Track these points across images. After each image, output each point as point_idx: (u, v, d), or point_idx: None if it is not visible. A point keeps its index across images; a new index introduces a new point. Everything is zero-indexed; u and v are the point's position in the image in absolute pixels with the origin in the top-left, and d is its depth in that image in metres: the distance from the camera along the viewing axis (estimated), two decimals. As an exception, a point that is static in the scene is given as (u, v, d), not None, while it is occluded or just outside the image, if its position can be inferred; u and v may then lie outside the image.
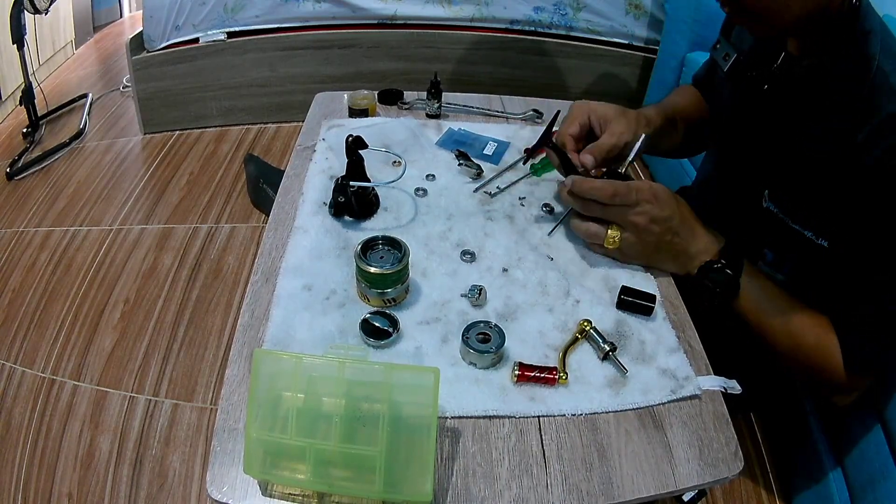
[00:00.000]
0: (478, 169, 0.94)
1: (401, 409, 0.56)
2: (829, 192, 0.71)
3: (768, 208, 0.78)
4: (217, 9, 2.21)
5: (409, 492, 0.54)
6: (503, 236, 0.85)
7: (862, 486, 0.98)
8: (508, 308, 0.74)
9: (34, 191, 2.08)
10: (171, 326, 1.57)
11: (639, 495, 0.58)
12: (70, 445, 1.28)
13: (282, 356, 0.58)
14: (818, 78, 0.72)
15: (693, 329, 0.74)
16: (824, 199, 0.71)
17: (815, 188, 0.72)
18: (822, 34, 0.70)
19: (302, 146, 1.03)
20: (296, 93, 2.39)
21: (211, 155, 2.27)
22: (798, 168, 0.75)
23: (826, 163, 0.71)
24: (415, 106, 1.16)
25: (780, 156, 0.77)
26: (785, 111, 0.77)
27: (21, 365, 1.46)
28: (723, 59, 0.87)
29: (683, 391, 0.66)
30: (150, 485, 1.21)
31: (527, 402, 0.64)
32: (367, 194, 0.87)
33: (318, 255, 0.80)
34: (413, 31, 2.30)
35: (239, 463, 0.57)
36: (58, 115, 2.52)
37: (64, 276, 1.72)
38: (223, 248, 1.83)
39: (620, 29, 2.26)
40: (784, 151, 0.76)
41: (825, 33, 0.70)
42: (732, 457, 0.61)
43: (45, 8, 2.24)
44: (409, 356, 0.68)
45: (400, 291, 0.73)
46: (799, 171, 0.74)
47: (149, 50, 2.22)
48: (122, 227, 1.91)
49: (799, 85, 0.74)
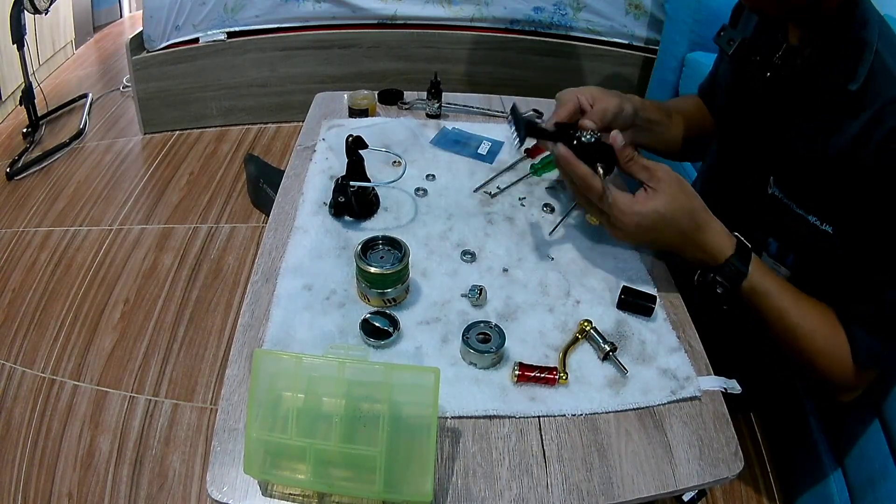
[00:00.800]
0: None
1: (401, 409, 0.56)
2: (833, 178, 0.71)
3: (773, 194, 0.78)
4: (217, 9, 2.21)
5: (409, 492, 0.54)
6: (503, 236, 0.85)
7: (862, 486, 0.98)
8: (509, 308, 0.74)
9: (34, 191, 2.08)
10: (171, 326, 1.57)
11: (639, 495, 0.58)
12: (70, 445, 1.28)
13: (282, 356, 0.58)
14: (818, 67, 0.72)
15: (693, 329, 0.74)
16: (828, 184, 0.72)
17: (818, 173, 0.73)
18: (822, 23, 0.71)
19: (302, 146, 1.03)
20: (296, 93, 2.39)
21: (211, 155, 2.27)
22: (801, 154, 0.75)
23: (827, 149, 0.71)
24: (415, 106, 1.16)
25: (785, 142, 0.77)
26: (786, 100, 0.78)
27: (21, 365, 1.46)
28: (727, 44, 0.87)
29: (684, 392, 0.66)
30: (150, 485, 1.21)
31: (527, 403, 0.64)
32: (367, 194, 0.87)
33: (318, 255, 0.80)
34: (413, 31, 2.30)
35: (239, 463, 0.57)
36: (58, 115, 2.52)
37: (64, 276, 1.72)
38: (223, 248, 1.83)
39: (620, 29, 2.26)
40: (788, 138, 0.77)
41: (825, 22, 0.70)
42: (732, 457, 0.61)
43: (45, 8, 2.24)
44: (409, 356, 0.68)
45: (400, 291, 0.73)
46: (802, 157, 0.75)
47: (149, 50, 2.22)
48: (122, 227, 1.91)
49: (799, 75, 0.75)
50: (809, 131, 0.74)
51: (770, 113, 0.80)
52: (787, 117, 0.77)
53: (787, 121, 0.77)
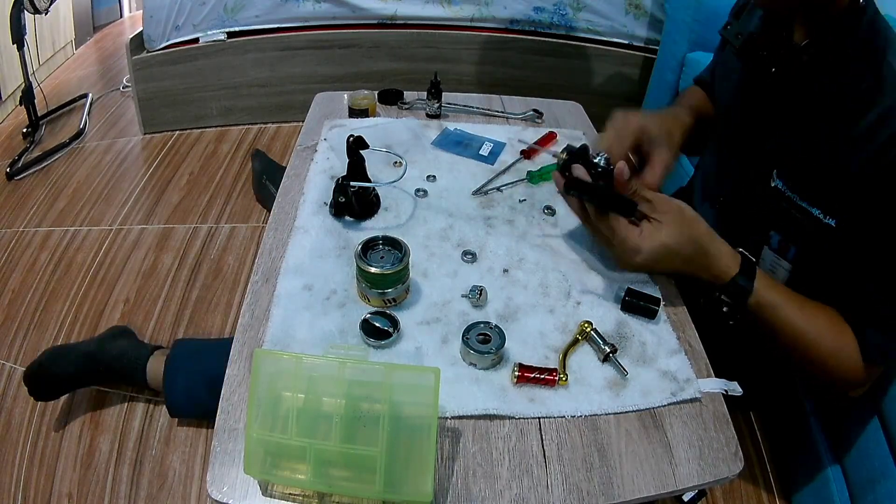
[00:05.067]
0: None
1: (401, 409, 0.56)
2: (837, 174, 0.71)
3: (776, 187, 0.79)
4: (217, 9, 2.21)
5: (409, 492, 0.54)
6: (504, 237, 0.85)
7: (862, 485, 0.98)
8: (509, 309, 0.74)
9: (34, 191, 2.08)
10: (171, 326, 1.56)
11: (639, 495, 0.58)
12: (70, 445, 1.28)
13: (282, 356, 0.58)
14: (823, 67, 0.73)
15: (693, 328, 0.74)
16: (832, 179, 0.72)
17: (822, 168, 0.73)
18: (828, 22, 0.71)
19: (302, 146, 1.03)
20: (296, 93, 2.39)
21: (211, 155, 2.27)
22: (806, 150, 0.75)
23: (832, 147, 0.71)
24: (415, 106, 1.16)
25: (789, 136, 0.77)
26: (791, 96, 0.78)
27: (21, 365, 1.45)
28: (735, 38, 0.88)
29: (684, 394, 0.66)
30: (150, 485, 1.21)
31: (527, 404, 0.64)
32: (367, 194, 0.87)
33: (318, 255, 0.80)
34: (413, 31, 2.30)
35: (239, 463, 0.57)
36: (58, 115, 2.52)
37: (64, 276, 1.72)
38: (223, 248, 1.83)
39: (620, 29, 2.26)
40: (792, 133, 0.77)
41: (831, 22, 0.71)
42: (732, 457, 0.61)
43: (45, 8, 2.24)
44: (409, 356, 0.68)
45: (400, 291, 0.73)
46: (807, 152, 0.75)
47: (149, 50, 2.22)
48: (122, 227, 1.91)
49: (805, 72, 0.75)
50: (814, 128, 0.74)
51: (775, 107, 0.81)
52: (793, 112, 0.78)
53: (793, 116, 0.78)
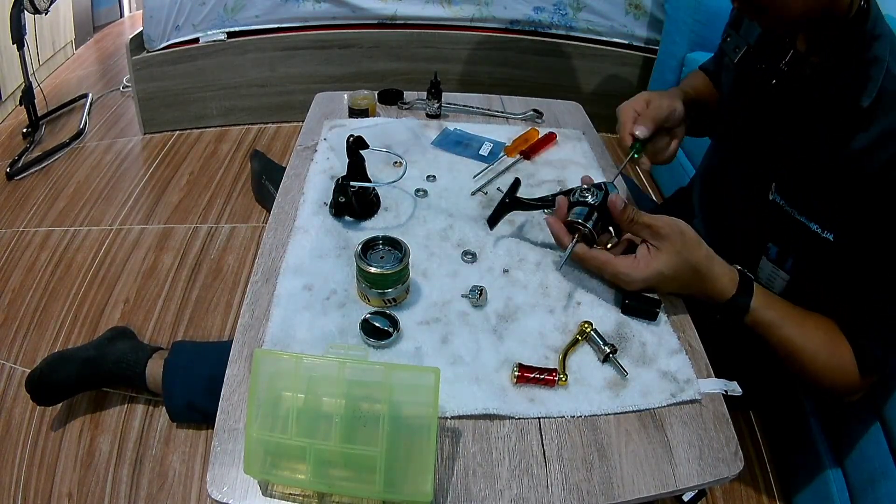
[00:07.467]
0: None
1: (401, 409, 0.56)
2: (836, 188, 0.71)
3: (774, 200, 0.79)
4: (217, 9, 2.21)
5: (409, 492, 0.54)
6: (504, 237, 0.85)
7: (862, 485, 0.98)
8: (509, 309, 0.74)
9: (34, 191, 2.08)
10: (171, 326, 1.56)
11: (639, 495, 0.58)
12: (70, 445, 1.28)
13: (282, 356, 0.58)
14: (825, 77, 0.72)
15: (693, 329, 0.74)
16: (831, 194, 0.72)
17: (821, 182, 0.73)
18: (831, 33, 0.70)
19: (302, 146, 1.03)
20: (296, 93, 2.39)
21: (211, 155, 2.27)
22: (805, 163, 0.75)
23: (832, 160, 0.71)
24: (415, 106, 1.16)
25: (788, 150, 0.77)
26: (791, 108, 0.77)
27: (21, 365, 1.46)
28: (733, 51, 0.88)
29: (684, 394, 0.66)
30: (150, 485, 1.21)
31: (526, 404, 0.64)
32: (367, 194, 0.87)
33: (318, 255, 0.80)
34: (413, 31, 2.30)
35: (239, 463, 0.57)
36: (58, 115, 2.52)
37: (64, 276, 1.72)
38: (223, 248, 1.83)
39: (620, 29, 2.26)
40: (791, 146, 0.77)
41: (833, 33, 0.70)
42: (732, 457, 0.61)
43: (45, 8, 2.24)
44: (409, 356, 0.68)
45: (400, 291, 0.73)
46: (806, 165, 0.75)
47: (149, 50, 2.22)
48: (122, 227, 1.91)
49: (806, 83, 0.75)
50: (814, 141, 0.73)
51: (774, 120, 0.80)
52: (792, 125, 0.77)
53: (792, 129, 0.77)
